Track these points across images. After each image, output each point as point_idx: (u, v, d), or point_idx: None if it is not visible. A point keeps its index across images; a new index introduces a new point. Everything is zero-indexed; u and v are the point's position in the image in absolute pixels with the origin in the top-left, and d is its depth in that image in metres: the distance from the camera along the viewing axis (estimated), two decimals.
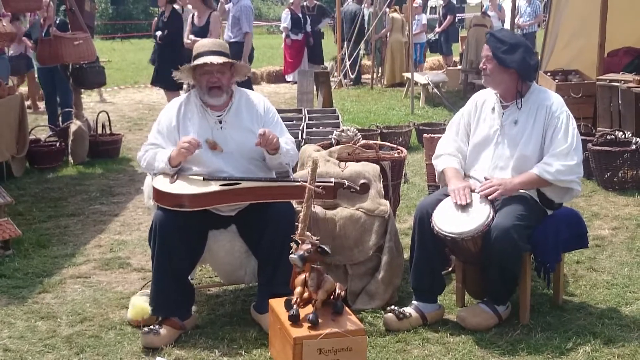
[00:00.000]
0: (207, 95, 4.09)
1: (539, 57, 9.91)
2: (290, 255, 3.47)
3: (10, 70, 9.92)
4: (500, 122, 4.09)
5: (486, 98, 4.22)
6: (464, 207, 3.90)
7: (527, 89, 4.08)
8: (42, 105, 11.44)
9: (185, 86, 8.81)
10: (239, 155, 4.11)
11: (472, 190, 3.99)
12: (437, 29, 17.23)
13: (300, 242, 3.54)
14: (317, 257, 3.51)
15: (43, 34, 9.08)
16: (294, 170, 4.53)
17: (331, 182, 4.06)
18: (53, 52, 8.10)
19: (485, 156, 4.12)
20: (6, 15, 9.18)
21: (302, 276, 3.53)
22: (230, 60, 4.10)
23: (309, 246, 3.47)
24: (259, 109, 4.22)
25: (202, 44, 4.19)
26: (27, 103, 12.27)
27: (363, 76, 16.30)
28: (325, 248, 3.50)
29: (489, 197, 3.92)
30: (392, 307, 4.02)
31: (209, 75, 4.06)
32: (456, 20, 18.23)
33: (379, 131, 8.64)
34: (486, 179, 4.03)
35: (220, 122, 4.12)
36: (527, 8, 15.61)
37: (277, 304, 3.59)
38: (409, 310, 4.02)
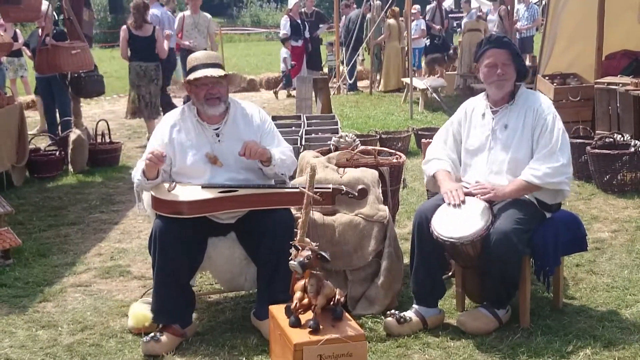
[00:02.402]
0: (206, 106, 4.09)
1: (537, 61, 9.95)
2: (290, 262, 3.47)
3: (5, 79, 9.92)
4: (492, 127, 4.11)
5: (475, 106, 4.24)
6: (463, 212, 3.91)
7: (518, 88, 4.12)
8: None
9: None
10: (238, 167, 4.11)
11: (470, 194, 4.01)
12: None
13: (299, 248, 3.54)
14: (317, 264, 3.51)
15: (41, 44, 9.10)
16: (293, 177, 4.53)
17: (329, 188, 4.06)
18: (51, 61, 8.12)
19: (479, 162, 4.13)
20: (2, 26, 9.21)
21: (302, 282, 3.53)
22: (226, 72, 4.11)
23: (309, 253, 3.48)
24: (255, 119, 4.23)
25: (196, 57, 4.19)
26: None
27: (359, 82, 16.31)
28: (325, 254, 3.50)
29: (481, 198, 3.93)
30: (393, 311, 4.02)
31: (207, 87, 4.06)
32: (454, 24, 18.26)
33: (378, 136, 8.65)
34: (477, 182, 4.04)
35: (218, 136, 4.13)
36: (525, 12, 15.66)
37: (277, 310, 3.60)
38: (409, 314, 4.02)
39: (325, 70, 16.46)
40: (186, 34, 11.67)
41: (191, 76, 4.08)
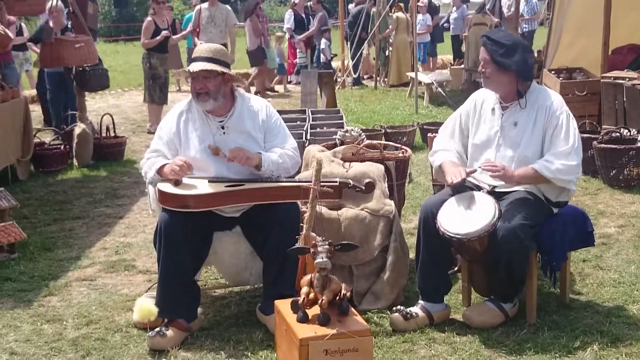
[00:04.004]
0: (196, 100, 4.09)
1: (544, 56, 9.92)
2: (317, 260, 3.40)
3: (19, 77, 9.90)
4: (501, 124, 4.07)
5: (485, 98, 4.20)
6: (469, 207, 3.89)
7: (527, 87, 4.06)
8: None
9: None
10: None
11: (478, 189, 3.99)
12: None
13: (311, 248, 3.49)
14: (334, 255, 3.50)
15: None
16: (299, 171, 4.52)
17: (336, 182, 4.05)
18: (55, 55, 8.12)
19: (487, 157, 4.09)
20: (12, 23, 9.21)
21: (308, 277, 3.52)
22: (215, 67, 4.01)
23: (327, 246, 3.45)
24: (261, 114, 4.20)
25: (198, 48, 4.19)
26: None
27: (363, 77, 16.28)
28: (351, 242, 3.58)
29: (490, 174, 3.92)
30: (399, 307, 4.01)
31: (196, 81, 4.06)
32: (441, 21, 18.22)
33: (383, 131, 8.63)
34: (487, 160, 4.02)
35: (223, 128, 4.12)
36: (524, 7, 15.68)
37: (283, 305, 3.59)
38: (415, 310, 4.01)
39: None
40: (203, 28, 11.40)
41: (186, 68, 4.14)
